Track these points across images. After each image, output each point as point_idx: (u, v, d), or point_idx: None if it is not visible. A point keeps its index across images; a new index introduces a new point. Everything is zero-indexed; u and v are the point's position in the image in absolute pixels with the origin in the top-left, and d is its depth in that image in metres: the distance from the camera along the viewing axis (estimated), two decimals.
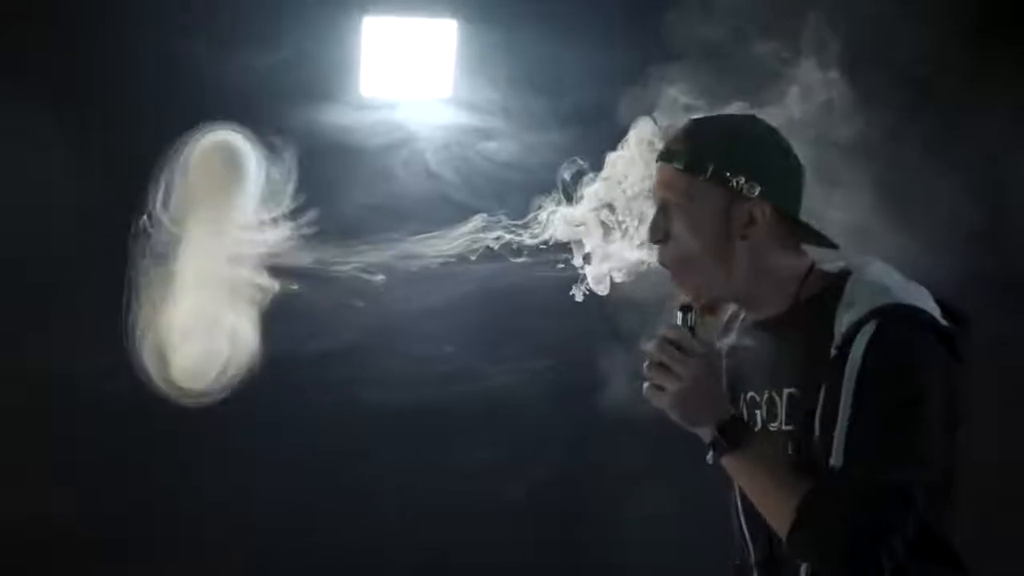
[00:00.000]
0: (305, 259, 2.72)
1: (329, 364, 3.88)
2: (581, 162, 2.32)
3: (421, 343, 3.80)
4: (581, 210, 2.36)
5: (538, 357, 3.62)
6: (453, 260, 2.50)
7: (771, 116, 2.29)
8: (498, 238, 2.41)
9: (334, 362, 3.87)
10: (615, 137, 2.57)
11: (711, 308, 2.10)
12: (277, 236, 2.70)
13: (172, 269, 2.56)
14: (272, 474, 4.20)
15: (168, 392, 2.56)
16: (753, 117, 2.18)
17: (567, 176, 2.33)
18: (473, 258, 2.47)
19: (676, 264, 2.08)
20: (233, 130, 2.59)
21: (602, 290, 2.28)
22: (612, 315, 2.60)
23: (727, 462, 1.99)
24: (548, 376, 3.63)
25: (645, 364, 2.02)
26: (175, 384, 2.59)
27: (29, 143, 4.01)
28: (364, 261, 2.79)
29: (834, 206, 2.48)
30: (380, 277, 2.74)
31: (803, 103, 2.54)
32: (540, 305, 2.98)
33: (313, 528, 4.26)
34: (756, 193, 2.02)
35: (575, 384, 3.19)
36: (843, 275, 2.02)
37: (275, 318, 3.56)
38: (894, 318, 1.94)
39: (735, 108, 2.40)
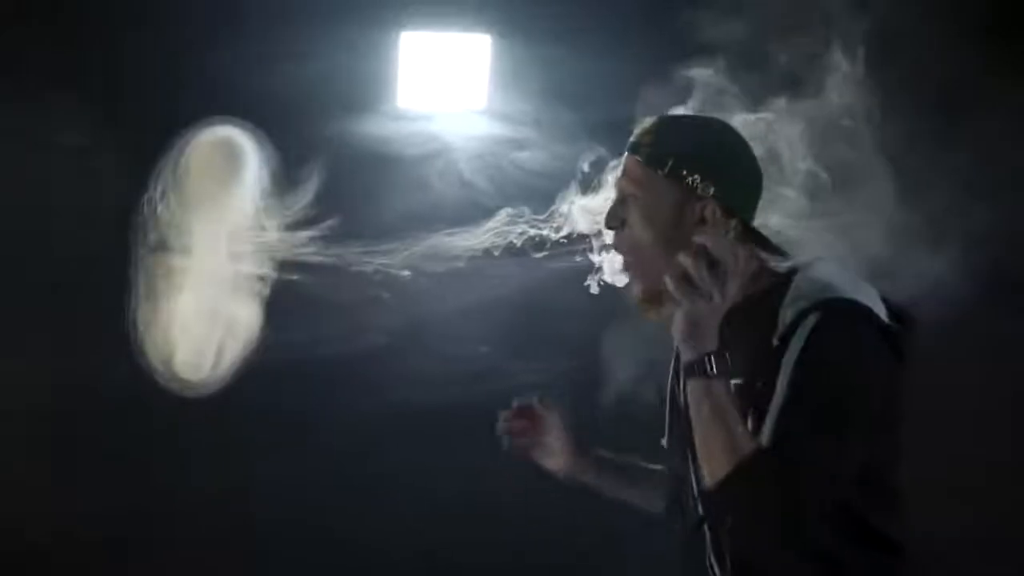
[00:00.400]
0: (340, 260, 2.78)
1: (360, 363, 3.87)
2: (602, 150, 2.34)
3: (449, 342, 3.81)
4: (600, 200, 2.36)
5: (565, 356, 3.61)
6: (479, 255, 2.51)
7: (795, 120, 2.35)
8: (522, 233, 2.44)
9: (365, 361, 3.86)
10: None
11: (656, 301, 2.12)
12: (304, 237, 2.73)
13: (173, 262, 2.59)
14: (301, 473, 4.20)
15: (170, 384, 2.59)
16: (722, 122, 2.21)
17: (587, 166, 2.36)
18: (496, 253, 2.50)
19: (627, 252, 2.13)
20: (235, 125, 2.61)
21: (619, 282, 2.28)
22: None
23: (697, 386, 1.98)
24: (574, 376, 3.59)
25: (683, 257, 2.01)
26: (177, 376, 2.61)
27: (71, 144, 3.98)
28: (395, 261, 2.83)
29: (851, 204, 2.48)
30: (406, 273, 2.77)
31: (825, 106, 2.55)
32: (568, 303, 2.92)
33: (343, 527, 4.26)
34: (710, 193, 2.06)
35: (602, 382, 3.23)
36: (791, 272, 2.04)
37: (305, 317, 3.67)
38: (835, 312, 1.97)
39: (757, 115, 2.40)
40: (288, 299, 3.20)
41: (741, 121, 2.46)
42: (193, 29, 3.90)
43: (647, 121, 2.15)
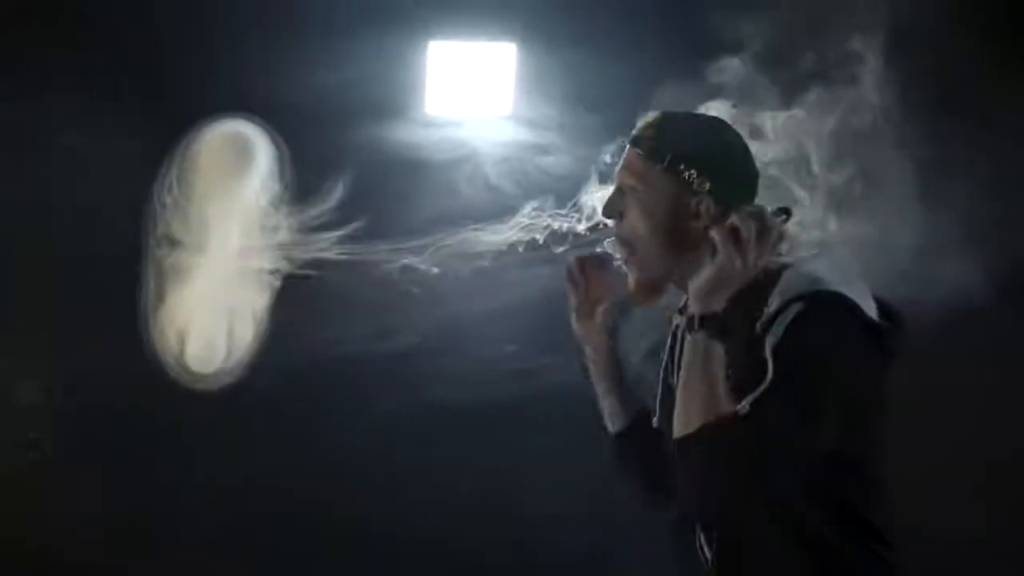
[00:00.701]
0: (369, 260, 2.74)
1: (390, 361, 3.90)
2: (624, 141, 2.30)
3: (477, 341, 3.83)
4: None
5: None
6: (506, 252, 2.48)
7: (816, 119, 2.37)
8: (546, 227, 2.44)
9: (395, 359, 3.89)
10: None
11: (649, 290, 2.15)
12: (335, 237, 2.68)
13: (183, 256, 2.55)
14: (332, 470, 4.23)
15: (181, 377, 2.55)
16: (723, 121, 2.21)
17: (608, 158, 2.33)
18: (521, 249, 2.47)
19: (624, 242, 2.14)
20: (245, 120, 2.57)
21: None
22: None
23: (698, 341, 1.99)
24: None
25: (733, 224, 2.01)
26: (187, 369, 2.58)
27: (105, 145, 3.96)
28: (422, 258, 2.78)
29: (875, 203, 2.49)
30: (436, 270, 2.72)
31: (848, 103, 2.56)
32: None
33: (373, 523, 4.26)
34: (705, 189, 2.07)
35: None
36: (783, 268, 2.04)
37: (336, 316, 3.64)
38: (818, 303, 1.99)
39: (782, 119, 2.40)
40: (319, 298, 3.18)
41: (765, 119, 2.44)
42: (229, 35, 3.91)
43: (649, 116, 2.17)
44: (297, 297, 3.04)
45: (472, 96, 4.13)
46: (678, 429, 1.96)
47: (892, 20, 2.91)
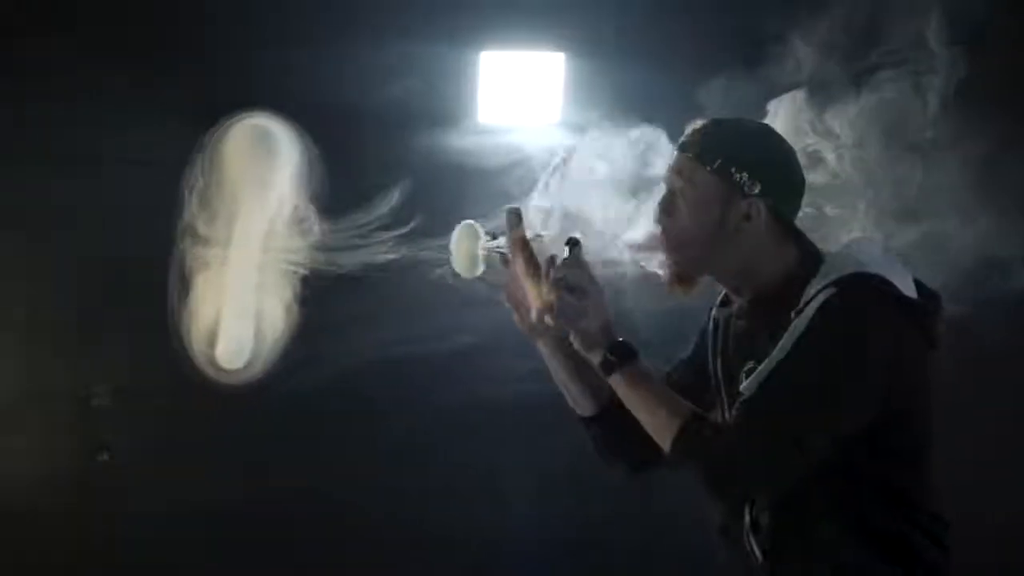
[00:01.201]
0: (427, 262, 2.70)
1: (449, 361, 3.96)
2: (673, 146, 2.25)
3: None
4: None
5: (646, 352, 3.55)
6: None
7: (876, 115, 2.34)
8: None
9: (452, 358, 3.94)
10: None
11: (685, 283, 2.13)
12: (393, 239, 2.66)
13: (212, 253, 2.52)
14: (393, 466, 4.26)
15: (212, 374, 2.52)
16: (768, 126, 2.21)
17: (561, 158, 2.39)
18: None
19: (673, 243, 2.12)
20: (269, 116, 2.54)
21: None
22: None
23: (617, 380, 2.04)
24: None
25: (548, 294, 2.05)
26: (217, 366, 2.55)
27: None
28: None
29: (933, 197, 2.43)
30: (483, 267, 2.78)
31: (906, 100, 2.47)
32: (647, 302, 3.01)
33: (439, 519, 4.30)
34: (756, 191, 2.06)
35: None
36: (824, 257, 2.05)
37: (396, 318, 3.72)
38: (854, 285, 1.98)
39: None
40: (377, 299, 3.34)
41: (825, 114, 2.41)
42: (285, 40, 3.94)
43: (698, 122, 2.15)
44: (355, 298, 3.17)
45: (523, 104, 4.14)
46: (664, 445, 1.98)
47: (953, 9, 2.82)
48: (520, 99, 4.16)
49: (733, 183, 2.06)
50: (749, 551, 2.11)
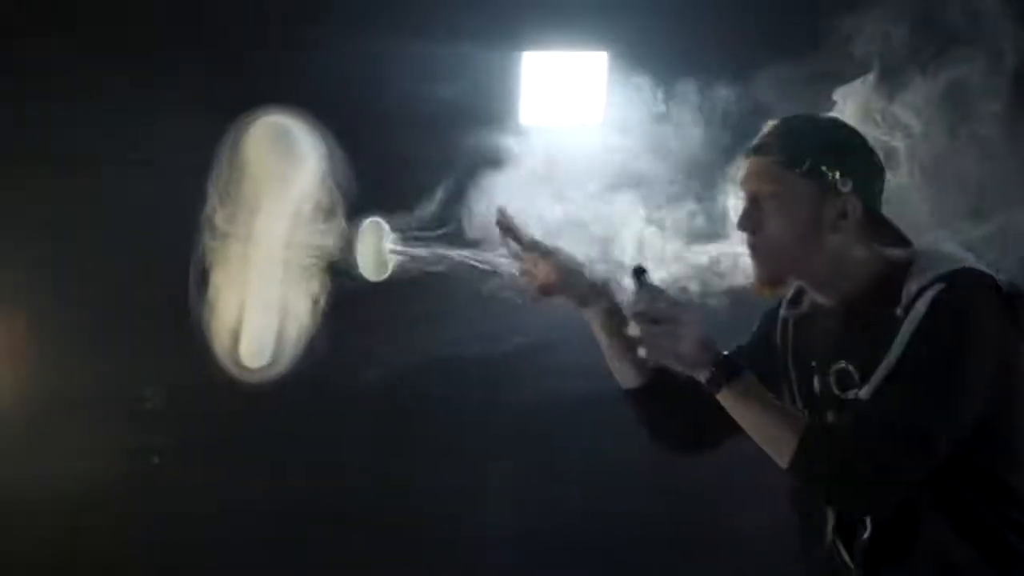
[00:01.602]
0: (478, 262, 2.74)
1: (504, 359, 4.03)
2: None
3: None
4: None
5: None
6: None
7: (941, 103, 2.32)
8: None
9: (512, 357, 4.02)
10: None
11: (776, 284, 2.11)
12: (441, 240, 2.70)
13: (233, 252, 2.53)
14: (459, 462, 4.34)
15: (236, 373, 2.53)
16: (838, 118, 2.18)
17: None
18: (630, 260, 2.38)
19: (765, 252, 2.08)
20: (289, 114, 2.55)
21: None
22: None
23: (725, 396, 1.99)
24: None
25: (637, 329, 2.00)
26: (240, 363, 2.55)
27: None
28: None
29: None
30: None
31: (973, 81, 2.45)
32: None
33: (509, 512, 4.41)
34: (849, 189, 2.03)
35: None
36: (910, 257, 2.01)
37: (453, 319, 3.74)
38: (962, 280, 1.95)
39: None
40: (432, 301, 3.35)
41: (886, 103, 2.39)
42: (327, 41, 3.97)
43: (770, 124, 2.12)
44: (413, 301, 3.23)
45: (565, 104, 4.12)
46: (782, 465, 1.95)
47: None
48: (562, 100, 4.13)
49: (825, 183, 2.03)
50: (835, 557, 2.07)
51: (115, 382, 4.09)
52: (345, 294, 2.80)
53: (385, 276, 2.57)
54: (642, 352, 2.00)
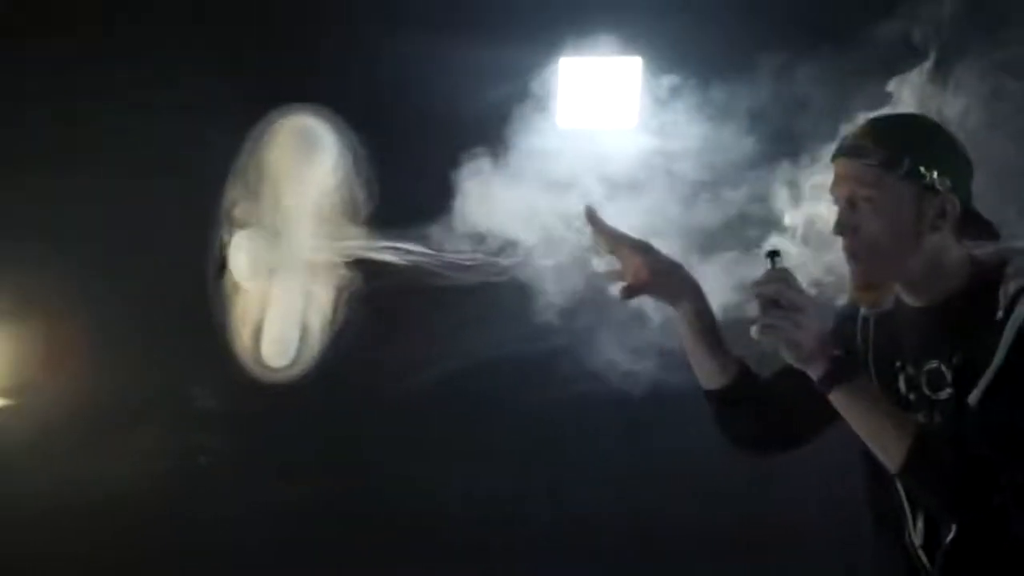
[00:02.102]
0: (518, 264, 2.99)
1: (544, 360, 4.04)
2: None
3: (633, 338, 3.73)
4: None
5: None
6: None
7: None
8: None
9: (548, 358, 4.00)
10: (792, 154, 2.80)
11: (873, 289, 2.08)
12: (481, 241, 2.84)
13: (256, 252, 2.54)
14: (498, 462, 4.45)
15: (259, 372, 2.55)
16: (923, 115, 2.18)
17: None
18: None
19: (865, 256, 2.05)
20: (313, 114, 2.57)
21: None
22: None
23: (838, 395, 1.95)
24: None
25: (761, 308, 1.96)
26: (263, 364, 2.56)
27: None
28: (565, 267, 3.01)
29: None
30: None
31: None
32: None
33: (548, 504, 4.50)
34: (947, 187, 2.01)
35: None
36: (1004, 257, 2.00)
37: (493, 322, 3.80)
38: None
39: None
40: (474, 306, 3.44)
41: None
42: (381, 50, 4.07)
43: (859, 127, 2.08)
44: (457, 305, 3.31)
45: (602, 108, 4.16)
46: (892, 469, 1.92)
47: None
48: (599, 104, 4.15)
49: (925, 184, 2.01)
50: (913, 557, 2.07)
51: (165, 386, 4.17)
52: (385, 296, 2.85)
53: (262, 283, 2.53)
54: (755, 332, 1.97)
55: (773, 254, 2.01)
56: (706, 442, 4.09)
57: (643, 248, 2.33)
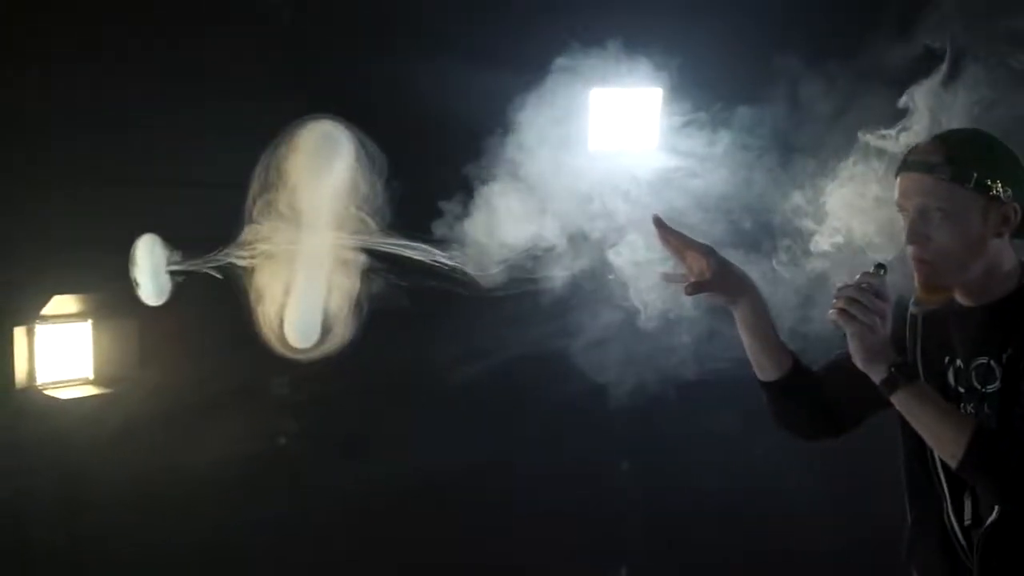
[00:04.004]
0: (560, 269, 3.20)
1: (578, 353, 4.26)
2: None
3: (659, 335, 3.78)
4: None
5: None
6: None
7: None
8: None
9: (582, 352, 4.25)
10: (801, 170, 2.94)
11: (937, 291, 2.16)
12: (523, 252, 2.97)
13: (280, 244, 2.61)
14: (531, 449, 4.67)
15: (286, 353, 2.63)
16: (980, 129, 2.22)
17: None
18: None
19: (935, 262, 2.11)
20: (335, 122, 2.62)
21: None
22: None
23: (900, 397, 2.04)
24: None
25: (842, 294, 2.04)
26: (287, 344, 2.65)
27: None
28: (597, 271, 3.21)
29: None
30: (610, 276, 3.06)
31: None
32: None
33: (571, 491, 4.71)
34: (1010, 196, 2.10)
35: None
36: None
37: (527, 321, 4.07)
38: None
39: None
40: (512, 307, 3.66)
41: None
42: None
43: (925, 144, 2.15)
44: (496, 308, 3.51)
45: (628, 133, 4.39)
46: (952, 465, 1.99)
47: None
48: (626, 129, 4.37)
49: (991, 195, 2.10)
50: (951, 537, 2.16)
51: (248, 375, 4.31)
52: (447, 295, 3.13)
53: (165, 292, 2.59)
54: (832, 315, 2.06)
55: (881, 267, 2.10)
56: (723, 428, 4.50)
57: (707, 251, 2.40)
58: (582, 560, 4.82)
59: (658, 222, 2.40)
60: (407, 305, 3.05)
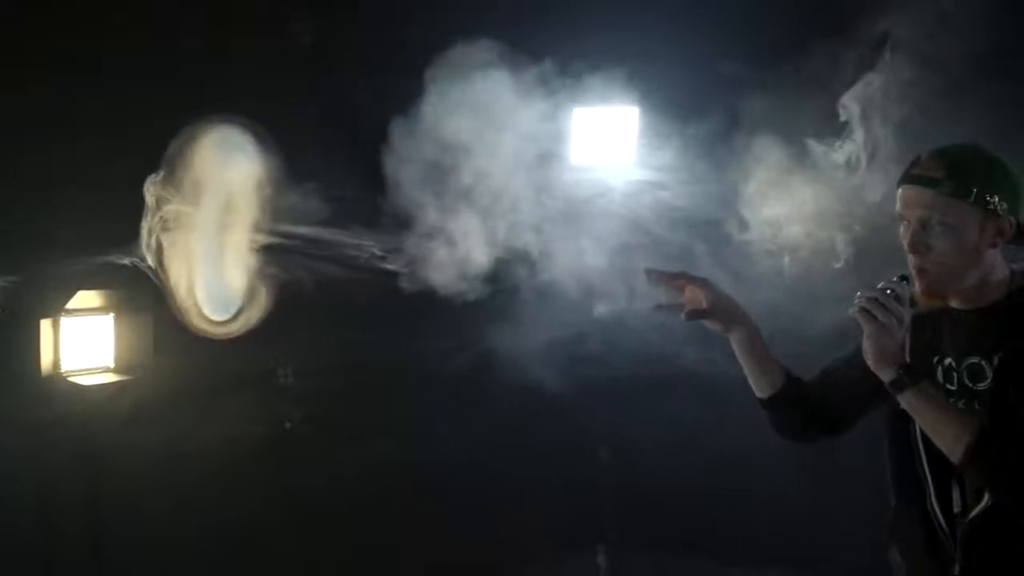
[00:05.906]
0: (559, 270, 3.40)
1: (581, 343, 4.45)
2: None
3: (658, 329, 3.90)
4: None
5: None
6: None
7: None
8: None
9: (586, 341, 4.43)
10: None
11: (937, 296, 2.22)
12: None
13: (193, 235, 2.66)
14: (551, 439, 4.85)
15: (204, 327, 2.65)
16: (980, 144, 2.24)
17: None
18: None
19: (935, 270, 2.17)
20: (233, 125, 2.68)
21: None
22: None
23: (907, 397, 2.08)
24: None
25: (865, 295, 2.10)
26: (206, 317, 2.69)
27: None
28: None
29: None
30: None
31: None
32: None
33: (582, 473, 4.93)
34: (1007, 211, 2.15)
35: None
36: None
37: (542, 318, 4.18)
38: None
39: None
40: (527, 307, 3.89)
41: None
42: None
43: (928, 159, 2.17)
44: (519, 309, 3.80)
45: (606, 148, 4.53)
46: (956, 463, 2.04)
47: None
48: (604, 144, 4.52)
49: (989, 209, 2.16)
50: (934, 524, 2.20)
51: (259, 363, 4.50)
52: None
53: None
54: (854, 310, 2.12)
55: (903, 277, 2.18)
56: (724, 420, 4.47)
57: (703, 282, 2.49)
58: (560, 539, 5.04)
59: (650, 274, 2.48)
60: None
